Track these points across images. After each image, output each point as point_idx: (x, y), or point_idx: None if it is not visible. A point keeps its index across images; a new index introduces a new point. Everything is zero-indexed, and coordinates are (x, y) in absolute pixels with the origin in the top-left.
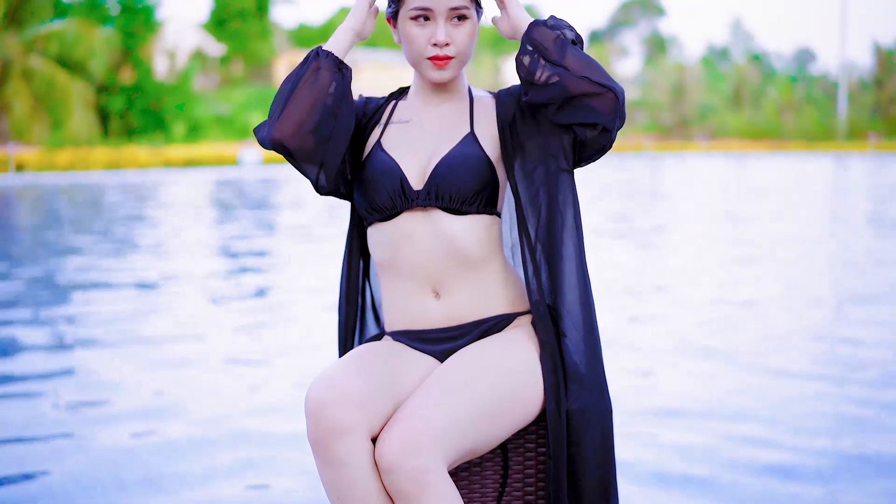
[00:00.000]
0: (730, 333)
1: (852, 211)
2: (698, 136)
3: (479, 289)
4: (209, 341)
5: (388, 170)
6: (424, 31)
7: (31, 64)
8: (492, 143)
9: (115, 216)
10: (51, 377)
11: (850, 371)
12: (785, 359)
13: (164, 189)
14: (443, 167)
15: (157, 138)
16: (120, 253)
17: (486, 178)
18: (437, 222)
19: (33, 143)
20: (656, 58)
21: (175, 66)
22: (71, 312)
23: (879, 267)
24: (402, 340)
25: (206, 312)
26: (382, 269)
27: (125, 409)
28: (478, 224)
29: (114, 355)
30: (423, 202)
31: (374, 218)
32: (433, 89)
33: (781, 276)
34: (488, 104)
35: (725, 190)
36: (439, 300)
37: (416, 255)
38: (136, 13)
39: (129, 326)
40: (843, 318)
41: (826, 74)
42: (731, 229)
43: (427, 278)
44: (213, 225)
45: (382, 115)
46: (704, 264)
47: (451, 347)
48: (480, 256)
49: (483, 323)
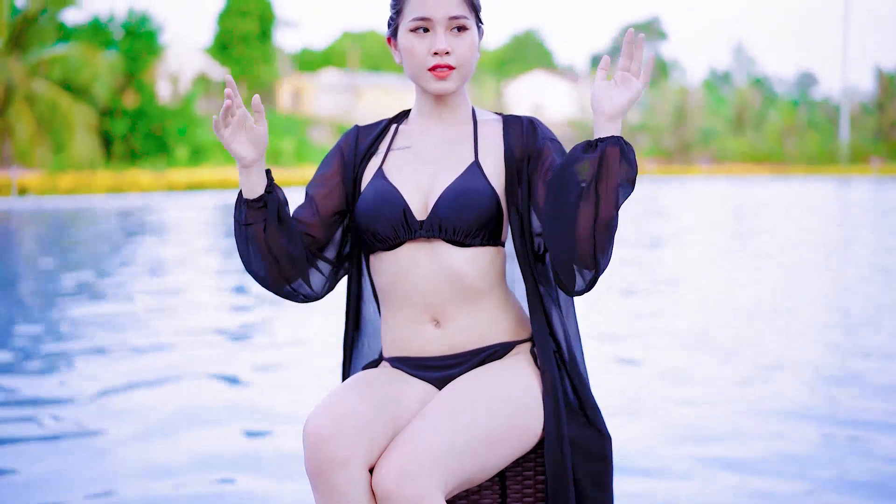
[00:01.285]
0: (724, 361)
1: (859, 234)
2: (700, 159)
3: (478, 318)
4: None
5: (391, 199)
6: (424, 42)
7: (35, 88)
8: (496, 173)
9: (115, 241)
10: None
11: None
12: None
13: (166, 213)
14: (446, 199)
15: (160, 162)
16: (122, 285)
17: (490, 212)
18: (440, 254)
19: (36, 167)
20: (658, 82)
21: (178, 91)
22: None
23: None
24: (401, 367)
25: (212, 347)
26: (383, 296)
27: (121, 436)
28: (481, 256)
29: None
30: (425, 233)
31: (376, 247)
32: (435, 110)
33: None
34: (494, 129)
35: (730, 214)
36: (439, 328)
37: (418, 284)
38: (139, 37)
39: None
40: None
41: (828, 98)
42: (734, 253)
43: (427, 307)
44: (216, 252)
45: (382, 143)
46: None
47: (449, 375)
48: (482, 287)
49: (482, 351)
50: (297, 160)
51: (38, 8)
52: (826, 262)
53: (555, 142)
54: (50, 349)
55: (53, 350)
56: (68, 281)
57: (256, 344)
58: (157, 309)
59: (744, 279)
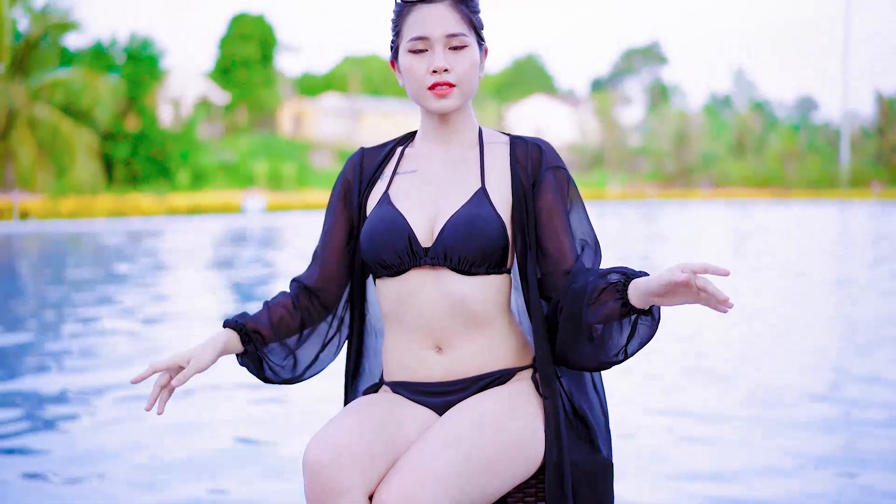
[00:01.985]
0: (723, 388)
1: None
2: (701, 183)
3: (481, 344)
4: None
5: (396, 226)
6: (423, 61)
7: (37, 112)
8: (503, 200)
9: (115, 265)
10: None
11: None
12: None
13: (167, 237)
14: (452, 228)
15: (162, 186)
16: (117, 309)
17: (497, 241)
18: (445, 281)
19: (38, 191)
20: (659, 106)
21: (180, 115)
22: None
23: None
24: (401, 392)
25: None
26: (387, 320)
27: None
28: (487, 284)
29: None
30: (430, 261)
31: (381, 273)
32: (440, 133)
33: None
34: (501, 153)
35: (731, 237)
36: (441, 354)
37: (422, 310)
38: (141, 62)
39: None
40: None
41: (828, 123)
42: (735, 276)
43: (431, 333)
44: (217, 274)
45: (388, 166)
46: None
47: (450, 401)
48: (486, 314)
49: (483, 378)
50: (298, 184)
51: (40, 32)
52: (828, 286)
53: (559, 170)
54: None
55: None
56: (68, 300)
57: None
58: (155, 330)
59: (745, 303)
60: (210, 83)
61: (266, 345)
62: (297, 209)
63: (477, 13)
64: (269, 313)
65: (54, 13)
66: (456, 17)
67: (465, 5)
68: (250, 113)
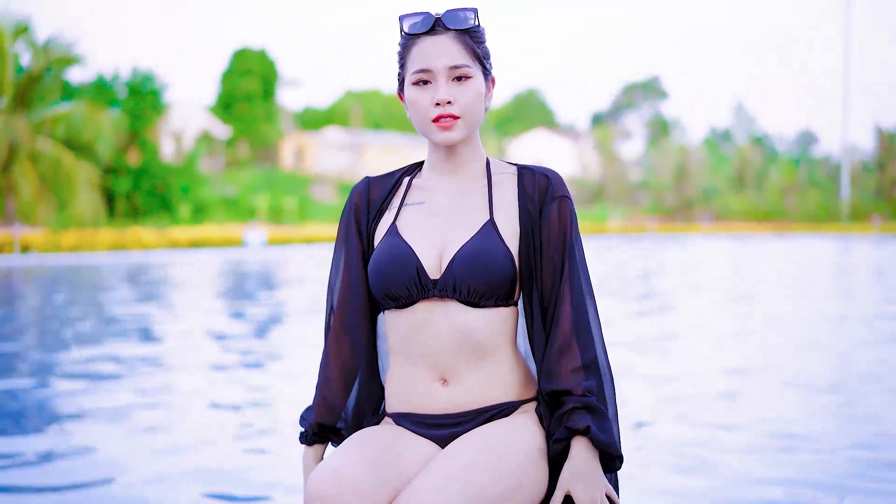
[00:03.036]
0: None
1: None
2: (701, 217)
3: (486, 377)
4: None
5: (404, 257)
6: (427, 94)
7: (39, 146)
8: (511, 233)
9: (115, 299)
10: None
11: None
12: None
13: (168, 270)
14: (461, 260)
15: (163, 219)
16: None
17: (506, 274)
18: (453, 314)
19: (39, 225)
20: (659, 140)
21: (181, 148)
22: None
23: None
24: (404, 424)
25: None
26: (392, 352)
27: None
28: (494, 316)
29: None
30: (439, 293)
31: (389, 305)
32: (447, 165)
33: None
34: (509, 184)
35: (731, 271)
36: (446, 386)
37: (429, 343)
38: (143, 96)
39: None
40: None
41: (828, 156)
42: (734, 311)
43: (437, 365)
44: (220, 308)
45: (395, 197)
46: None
47: (453, 433)
48: (492, 347)
49: (487, 410)
50: (299, 218)
51: (42, 66)
52: (830, 321)
53: (564, 200)
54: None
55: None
56: (68, 333)
57: (257, 400)
58: (158, 361)
59: (743, 338)
60: (212, 117)
61: (340, 428)
62: (299, 242)
63: (482, 43)
64: (337, 401)
65: (57, 48)
66: (459, 49)
67: (469, 36)
68: (252, 147)
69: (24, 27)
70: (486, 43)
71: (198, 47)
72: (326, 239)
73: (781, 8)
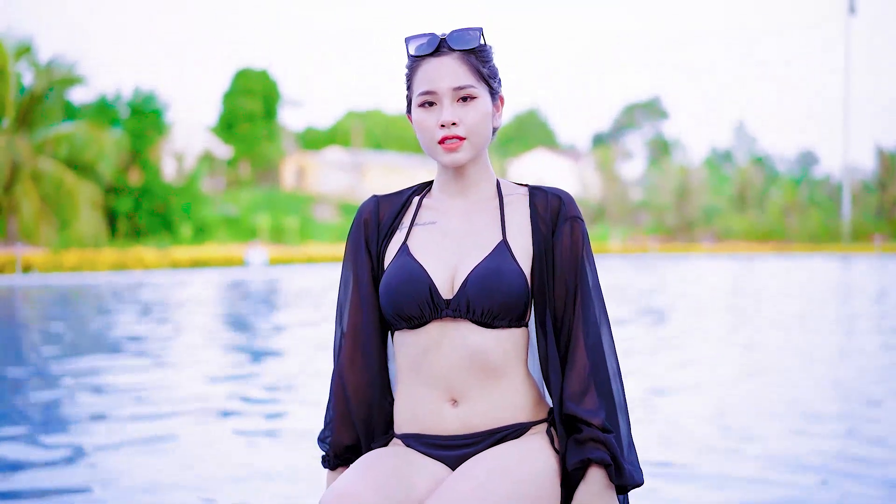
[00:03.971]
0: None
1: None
2: (703, 237)
3: (496, 398)
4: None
5: (416, 277)
6: (432, 115)
7: (41, 166)
8: (524, 254)
9: (116, 319)
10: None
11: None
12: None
13: (170, 290)
14: (475, 280)
15: (164, 239)
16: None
17: (519, 294)
18: (465, 335)
19: (40, 244)
20: (660, 160)
21: (183, 168)
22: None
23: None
24: (413, 445)
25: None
26: (402, 373)
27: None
28: (506, 337)
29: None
30: (452, 313)
31: (400, 325)
32: (457, 185)
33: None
34: (521, 205)
35: (733, 291)
36: (456, 407)
37: (440, 364)
38: (145, 116)
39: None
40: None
41: (829, 176)
42: (736, 331)
43: (448, 386)
44: (223, 329)
45: (405, 216)
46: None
47: (463, 454)
48: (504, 368)
49: (498, 431)
50: (300, 238)
51: (44, 87)
52: (832, 341)
53: (577, 221)
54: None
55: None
56: (68, 355)
57: (261, 421)
58: (157, 385)
59: (747, 360)
60: (213, 137)
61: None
62: (300, 262)
63: (488, 63)
64: (354, 419)
65: (59, 68)
66: (464, 70)
67: (475, 56)
68: (253, 167)
69: (27, 47)
70: (494, 62)
71: (199, 68)
72: (328, 259)
73: (782, 28)
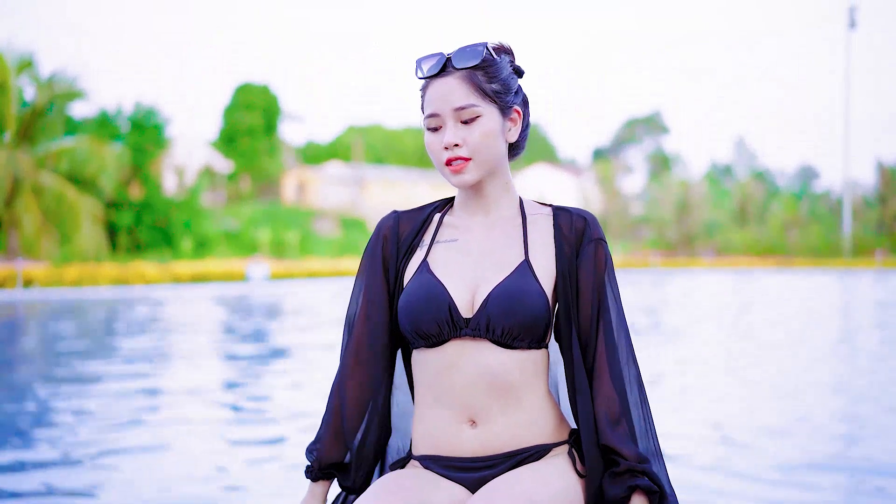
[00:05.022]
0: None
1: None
2: (704, 252)
3: (517, 419)
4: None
5: (436, 294)
6: (438, 137)
7: (42, 180)
8: (547, 274)
9: (118, 334)
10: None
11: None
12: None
13: (171, 306)
14: (496, 299)
15: (165, 254)
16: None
17: (541, 315)
18: (485, 354)
19: (42, 259)
20: (661, 175)
21: (183, 183)
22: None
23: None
24: (431, 467)
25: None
26: (419, 393)
27: None
28: (526, 358)
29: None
30: (472, 332)
31: (418, 343)
32: (478, 204)
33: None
34: (544, 225)
35: (735, 306)
36: (475, 428)
37: (459, 384)
38: (146, 130)
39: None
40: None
41: (829, 191)
42: (738, 345)
43: (466, 407)
44: (226, 343)
45: (426, 234)
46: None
47: (482, 477)
48: (524, 389)
49: (518, 453)
50: (301, 252)
51: (46, 101)
52: (833, 356)
53: (601, 243)
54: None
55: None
56: (68, 368)
57: (259, 432)
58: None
59: (749, 373)
60: (214, 152)
61: (352, 467)
62: (301, 277)
63: (497, 77)
64: (346, 435)
65: (61, 82)
66: (465, 89)
67: (481, 72)
68: (254, 181)
69: (28, 62)
70: (507, 75)
71: (200, 82)
72: (329, 273)
73: (782, 42)
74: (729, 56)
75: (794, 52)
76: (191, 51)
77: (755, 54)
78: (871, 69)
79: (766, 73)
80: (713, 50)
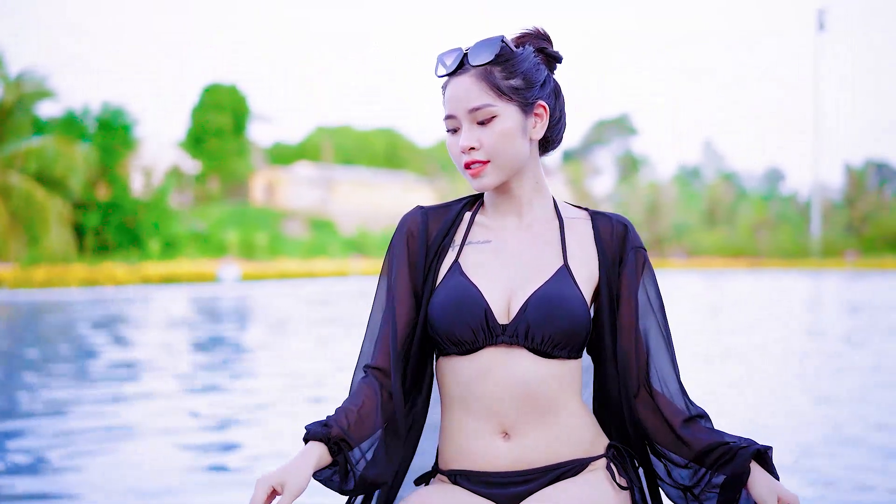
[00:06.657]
0: None
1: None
2: (674, 253)
3: (552, 432)
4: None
5: (471, 299)
6: (456, 139)
7: (10, 181)
8: (587, 280)
9: (90, 337)
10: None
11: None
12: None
13: (143, 307)
14: (535, 305)
15: (132, 255)
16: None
17: (583, 323)
18: (520, 363)
19: (9, 261)
20: (629, 176)
21: (151, 183)
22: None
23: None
24: (462, 483)
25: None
26: (448, 403)
27: None
28: (563, 368)
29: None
30: (508, 339)
31: (450, 350)
32: (510, 205)
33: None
34: (583, 229)
35: (709, 307)
36: (508, 442)
37: (492, 394)
38: (113, 131)
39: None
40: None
41: (796, 193)
42: (711, 348)
43: (499, 419)
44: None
45: (457, 233)
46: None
47: (516, 493)
48: (560, 401)
49: (554, 468)
50: (270, 253)
51: (13, 101)
52: (804, 358)
53: (640, 251)
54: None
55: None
56: (39, 373)
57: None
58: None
59: (721, 378)
60: (182, 152)
61: (352, 449)
62: (271, 278)
63: (517, 72)
64: (356, 413)
65: (29, 82)
66: (479, 88)
67: (498, 68)
68: (222, 182)
69: None
70: (528, 67)
71: (168, 83)
72: (300, 274)
73: (750, 44)
74: (697, 56)
75: (763, 55)
76: (158, 51)
77: (723, 54)
78: (839, 72)
79: (734, 75)
80: (691, 53)
